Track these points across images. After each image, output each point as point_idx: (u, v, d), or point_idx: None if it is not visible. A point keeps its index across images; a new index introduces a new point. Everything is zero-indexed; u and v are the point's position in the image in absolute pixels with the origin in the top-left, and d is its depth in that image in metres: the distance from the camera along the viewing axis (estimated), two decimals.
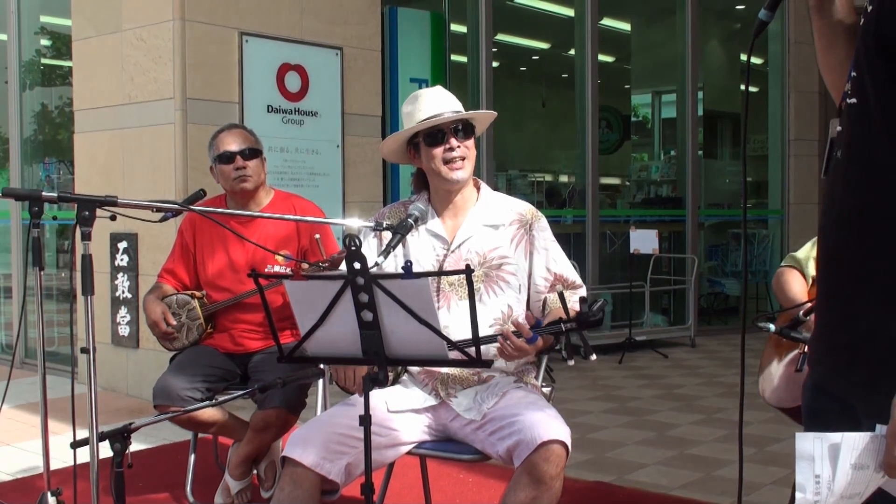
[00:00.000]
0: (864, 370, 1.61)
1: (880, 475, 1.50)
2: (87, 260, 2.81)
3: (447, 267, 3.04)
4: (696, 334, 9.27)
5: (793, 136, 10.47)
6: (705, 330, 9.90)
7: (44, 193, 2.94)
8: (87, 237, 2.81)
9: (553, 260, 3.10)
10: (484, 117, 3.16)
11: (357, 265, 2.24)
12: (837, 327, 1.67)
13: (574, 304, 2.71)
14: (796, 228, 10.36)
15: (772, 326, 2.62)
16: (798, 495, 1.49)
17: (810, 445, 1.48)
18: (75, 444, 2.79)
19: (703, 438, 5.33)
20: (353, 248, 2.24)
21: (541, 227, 3.12)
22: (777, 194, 10.76)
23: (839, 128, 1.69)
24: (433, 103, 3.03)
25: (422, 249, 3.09)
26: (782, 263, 3.43)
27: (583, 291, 3.09)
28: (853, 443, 1.48)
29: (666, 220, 10.39)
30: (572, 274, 3.13)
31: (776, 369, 3.18)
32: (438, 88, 3.13)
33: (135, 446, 2.69)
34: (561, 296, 2.69)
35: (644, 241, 8.52)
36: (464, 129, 3.03)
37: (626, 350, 8.33)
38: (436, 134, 3.01)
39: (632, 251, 8.55)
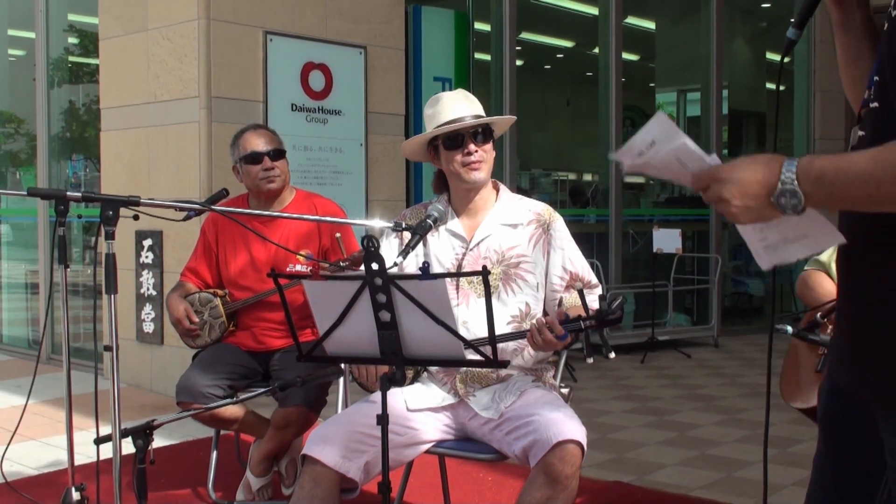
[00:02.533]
0: (887, 376, 1.60)
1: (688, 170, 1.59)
2: (111, 259, 2.84)
3: (466, 265, 3.07)
4: (720, 334, 9.24)
5: (818, 135, 10.41)
6: (729, 330, 9.85)
7: (68, 193, 2.98)
8: (110, 236, 2.85)
9: (569, 259, 3.12)
10: (503, 122, 3.21)
11: (375, 266, 2.26)
12: (859, 333, 1.66)
13: (592, 303, 2.73)
14: None
15: (789, 329, 2.62)
16: (624, 147, 1.60)
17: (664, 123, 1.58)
18: (99, 441, 2.83)
19: (725, 439, 5.32)
20: (372, 248, 2.26)
21: (557, 226, 3.14)
22: None
23: (861, 133, 1.68)
24: (454, 107, 3.07)
25: (442, 249, 3.13)
26: (806, 267, 3.42)
27: (599, 290, 3.11)
28: (692, 148, 1.56)
29: (690, 219, 10.36)
30: (588, 273, 3.15)
31: (798, 370, 3.18)
32: (460, 91, 3.18)
33: (158, 443, 2.72)
34: (580, 293, 2.72)
35: (667, 240, 8.50)
36: (483, 132, 3.07)
37: (649, 350, 8.31)
38: (455, 138, 3.05)
39: (655, 250, 8.53)
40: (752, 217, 1.55)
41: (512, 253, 3.09)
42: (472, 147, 3.04)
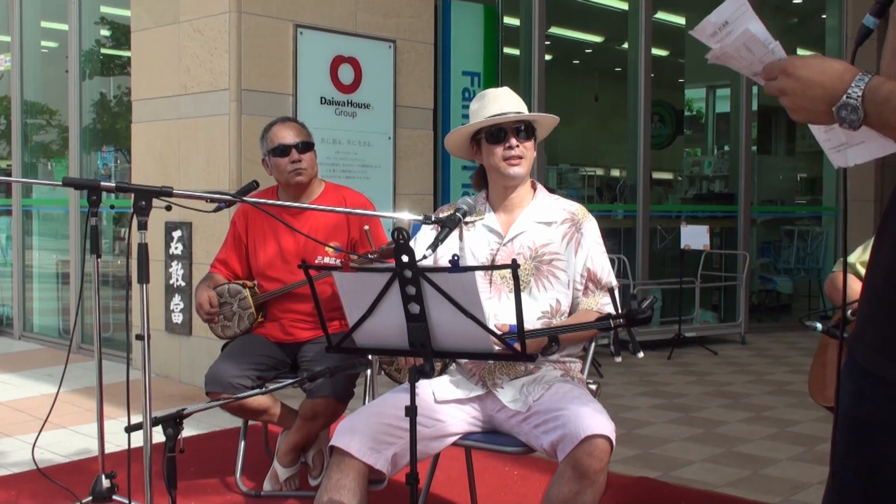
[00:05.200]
0: None
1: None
2: (144, 249, 2.88)
3: (500, 259, 3.11)
4: (747, 331, 9.19)
5: None
6: (756, 327, 9.81)
7: (102, 183, 3.02)
8: (143, 226, 2.88)
9: (590, 258, 3.14)
10: (547, 122, 3.25)
11: (405, 258, 2.27)
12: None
13: (604, 307, 2.74)
14: (851, 226, 10.21)
15: (819, 325, 2.61)
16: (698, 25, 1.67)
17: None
18: (129, 429, 2.86)
19: (751, 436, 5.30)
20: (402, 241, 2.27)
21: (588, 226, 3.17)
22: (832, 191, 10.62)
23: None
24: (499, 103, 3.13)
25: (477, 243, 3.18)
26: (834, 269, 3.43)
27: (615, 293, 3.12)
28: (756, 32, 1.59)
29: (718, 215, 10.30)
30: (608, 275, 3.15)
31: (826, 367, 3.17)
32: (506, 89, 3.24)
33: (186, 432, 2.75)
34: (611, 292, 2.75)
35: (695, 236, 8.47)
36: (525, 130, 3.12)
37: (676, 346, 8.28)
38: (497, 132, 3.10)
39: (683, 247, 8.50)
40: (805, 117, 1.58)
41: (545, 250, 3.12)
42: (513, 142, 3.09)
